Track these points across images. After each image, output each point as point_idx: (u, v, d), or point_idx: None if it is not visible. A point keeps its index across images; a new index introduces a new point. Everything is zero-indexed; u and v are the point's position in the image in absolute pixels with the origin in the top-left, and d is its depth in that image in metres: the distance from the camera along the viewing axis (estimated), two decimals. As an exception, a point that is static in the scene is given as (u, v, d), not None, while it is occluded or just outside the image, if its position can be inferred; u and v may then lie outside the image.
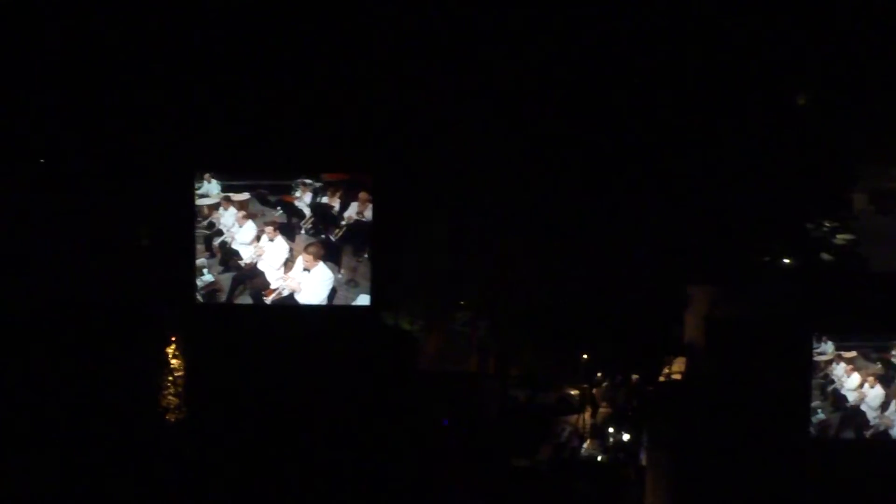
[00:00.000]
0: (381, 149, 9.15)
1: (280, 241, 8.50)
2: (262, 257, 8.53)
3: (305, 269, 8.57)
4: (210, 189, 8.48)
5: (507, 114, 9.17)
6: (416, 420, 9.01)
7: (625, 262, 9.26)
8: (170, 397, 8.88)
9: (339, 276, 8.60)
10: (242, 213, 8.45)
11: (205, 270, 8.72)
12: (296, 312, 8.87)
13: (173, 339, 9.13)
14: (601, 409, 10.16)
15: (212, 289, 8.64)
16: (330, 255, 8.65)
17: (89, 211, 9.02)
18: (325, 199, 8.57)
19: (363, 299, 8.67)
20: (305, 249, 8.47)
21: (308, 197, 8.54)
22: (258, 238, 8.47)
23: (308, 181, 8.50)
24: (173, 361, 9.09)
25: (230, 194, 8.52)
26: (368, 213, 8.72)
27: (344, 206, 8.61)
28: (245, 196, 8.46)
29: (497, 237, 9.58)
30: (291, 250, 8.47)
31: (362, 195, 8.67)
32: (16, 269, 8.68)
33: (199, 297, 8.75)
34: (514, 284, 9.72)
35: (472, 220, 9.55)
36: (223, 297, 8.66)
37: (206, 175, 8.46)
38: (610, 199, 9.35)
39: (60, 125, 8.72)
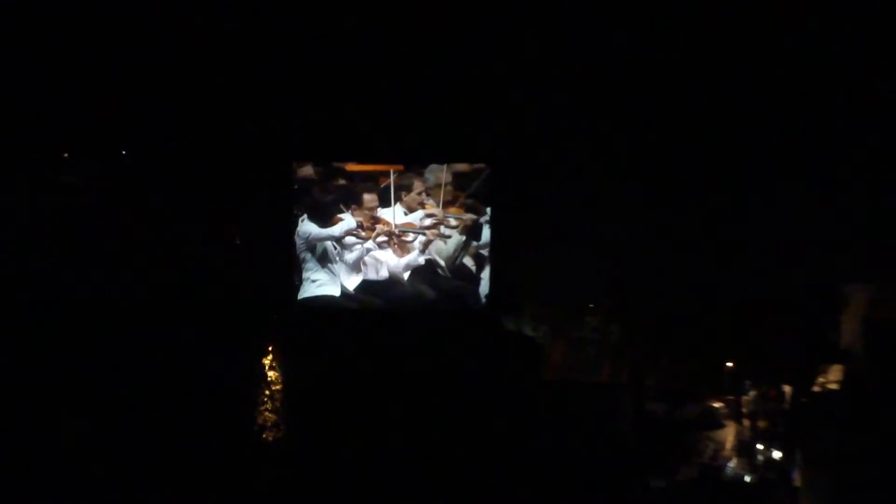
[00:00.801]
0: (503, 136, 10.28)
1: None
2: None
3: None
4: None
5: (639, 103, 10.08)
6: (542, 437, 9.72)
7: (774, 260, 9.85)
8: (266, 413, 9.72)
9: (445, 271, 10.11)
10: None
11: (307, 269, 10.14)
12: (405, 315, 10.22)
13: (270, 349, 10.17)
14: (749, 424, 10.43)
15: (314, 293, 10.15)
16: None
17: (176, 207, 10.25)
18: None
19: (474, 294, 10.05)
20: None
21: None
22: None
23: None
24: (270, 374, 10.02)
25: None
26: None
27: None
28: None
29: (630, 232, 10.26)
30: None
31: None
32: (95, 270, 9.77)
33: (299, 300, 10.21)
34: (651, 285, 10.36)
35: (601, 213, 10.32)
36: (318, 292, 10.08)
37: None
38: (757, 190, 10.00)
39: (148, 116, 10.12)
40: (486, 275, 10.40)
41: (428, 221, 10.12)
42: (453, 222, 10.20)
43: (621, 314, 10.73)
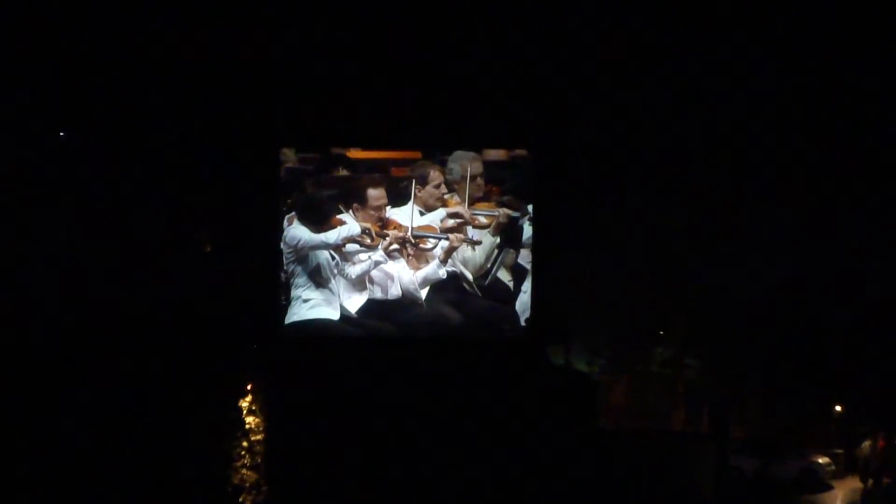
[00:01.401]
0: (549, 114, 9.95)
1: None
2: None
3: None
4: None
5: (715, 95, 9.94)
6: (599, 501, 9.45)
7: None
8: (244, 471, 9.40)
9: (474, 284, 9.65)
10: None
11: (297, 286, 9.63)
12: (423, 346, 9.72)
13: (249, 387, 9.76)
14: (865, 483, 10.07)
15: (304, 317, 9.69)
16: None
17: (124, 202, 9.86)
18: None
19: (511, 317, 9.54)
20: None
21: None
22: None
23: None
24: (249, 420, 9.64)
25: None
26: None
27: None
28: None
29: (714, 235, 10.23)
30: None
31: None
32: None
33: (285, 325, 9.72)
34: (739, 306, 10.35)
35: (676, 212, 10.28)
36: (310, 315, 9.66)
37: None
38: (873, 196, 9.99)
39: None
40: (526, 292, 9.82)
41: (451, 222, 9.59)
42: (483, 220, 9.65)
43: (701, 343, 10.74)
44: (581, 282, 10.16)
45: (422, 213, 9.71)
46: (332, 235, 9.43)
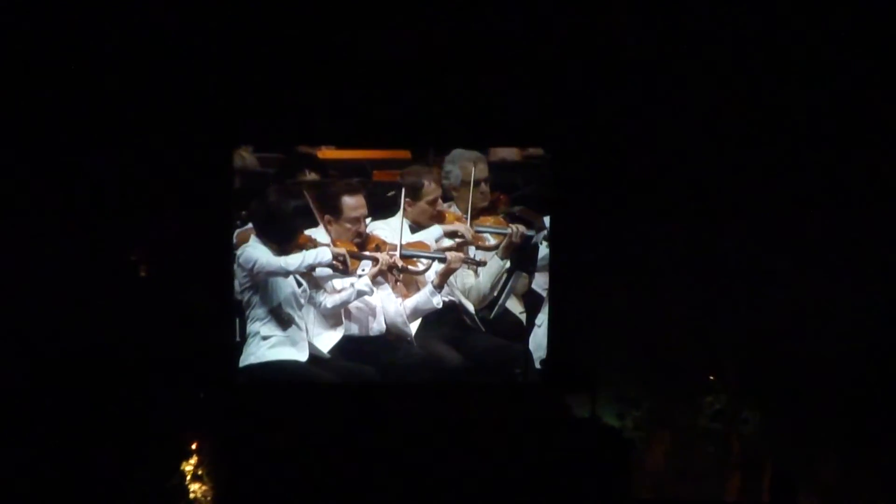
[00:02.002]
0: (571, 107, 9.86)
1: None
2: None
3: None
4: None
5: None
6: None
7: None
8: None
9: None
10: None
11: (255, 319, 9.53)
12: (413, 394, 9.73)
13: (194, 447, 9.62)
14: None
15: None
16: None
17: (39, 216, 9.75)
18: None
19: (522, 358, 9.69)
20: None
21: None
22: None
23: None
24: (194, 488, 9.55)
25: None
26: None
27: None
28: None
29: (775, 258, 9.85)
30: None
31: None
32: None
33: (240, 368, 9.67)
34: (808, 347, 9.84)
35: (727, 229, 9.88)
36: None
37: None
38: None
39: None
40: (541, 326, 9.82)
41: (448, 242, 9.54)
42: (490, 241, 9.60)
43: (761, 391, 10.10)
44: (611, 314, 9.93)
45: (412, 230, 9.63)
46: (293, 261, 9.26)
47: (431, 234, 9.61)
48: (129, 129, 9.68)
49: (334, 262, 9.35)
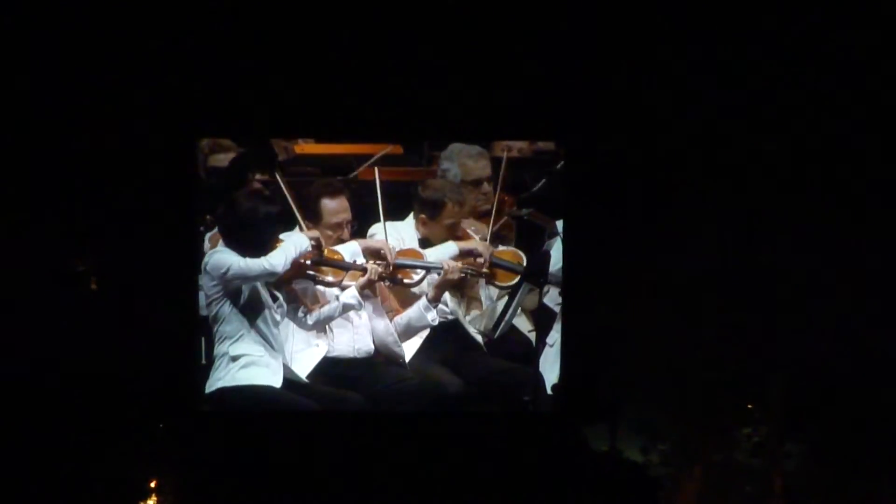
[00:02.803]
0: (588, 109, 9.94)
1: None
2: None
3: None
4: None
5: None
6: None
7: None
8: None
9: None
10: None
11: (224, 336, 9.49)
12: (405, 424, 9.83)
13: (153, 485, 9.77)
14: None
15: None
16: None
17: None
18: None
19: (532, 383, 9.69)
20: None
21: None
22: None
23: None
24: None
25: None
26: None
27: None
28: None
29: (821, 276, 9.91)
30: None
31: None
32: None
33: (207, 394, 9.62)
34: (859, 369, 9.94)
35: (769, 244, 9.99)
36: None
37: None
38: None
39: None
40: (553, 346, 9.89)
41: (456, 263, 9.54)
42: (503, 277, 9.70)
43: (806, 422, 10.21)
44: (633, 333, 9.99)
45: (422, 244, 9.64)
46: (278, 260, 9.16)
47: (445, 252, 9.54)
48: (76, 118, 9.75)
49: (316, 268, 9.27)
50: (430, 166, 9.70)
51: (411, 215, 9.58)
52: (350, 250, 9.40)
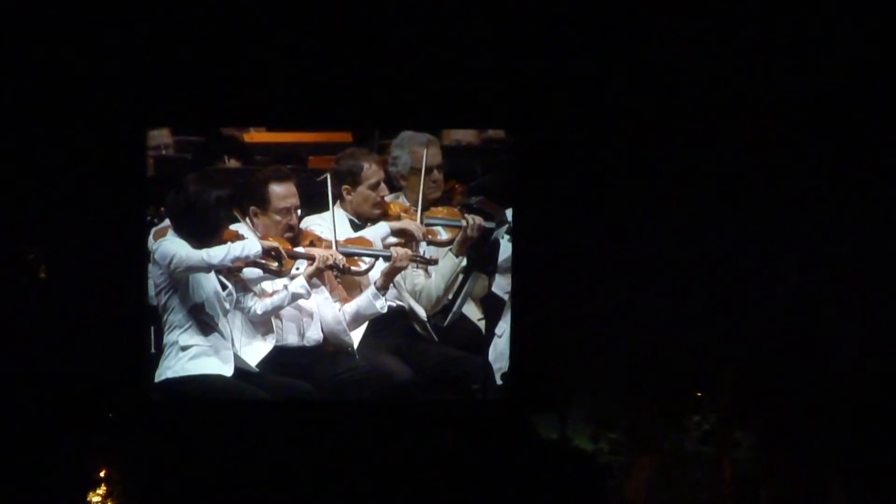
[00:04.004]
0: (538, 96, 9.95)
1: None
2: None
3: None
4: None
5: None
6: None
7: None
8: None
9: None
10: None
11: (174, 326, 9.54)
12: (354, 413, 9.88)
13: (102, 474, 9.70)
14: None
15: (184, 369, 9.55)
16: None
17: None
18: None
19: (481, 371, 9.75)
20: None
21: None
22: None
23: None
24: None
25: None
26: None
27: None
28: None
29: (770, 259, 9.98)
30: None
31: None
32: None
33: (155, 384, 9.65)
34: (811, 355, 10.04)
35: (719, 228, 9.99)
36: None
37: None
38: None
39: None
40: (503, 335, 9.97)
41: (393, 240, 9.63)
42: (443, 235, 9.74)
43: (756, 409, 10.26)
44: (583, 321, 10.03)
45: (354, 225, 9.67)
46: (217, 253, 9.22)
47: (377, 232, 9.60)
48: (25, 106, 9.72)
49: (265, 260, 9.31)
50: (381, 155, 9.67)
51: (338, 204, 9.58)
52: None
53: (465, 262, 9.72)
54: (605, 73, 9.94)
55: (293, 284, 9.43)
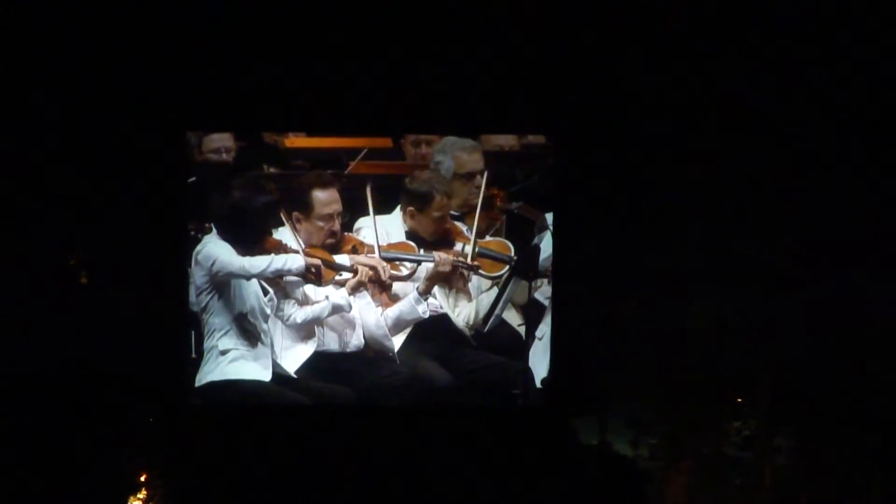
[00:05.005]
0: (580, 101, 9.92)
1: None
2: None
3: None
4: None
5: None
6: None
7: None
8: None
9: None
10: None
11: (214, 330, 9.55)
12: (395, 419, 9.87)
13: (143, 479, 9.76)
14: None
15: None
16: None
17: None
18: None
19: (522, 377, 9.71)
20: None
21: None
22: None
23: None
24: None
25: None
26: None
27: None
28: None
29: (818, 265, 9.93)
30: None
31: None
32: None
33: (196, 388, 9.64)
34: (852, 361, 9.98)
35: (763, 235, 9.94)
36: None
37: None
38: None
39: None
40: (543, 339, 9.92)
41: (447, 255, 9.62)
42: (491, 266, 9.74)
43: (797, 415, 10.24)
44: (623, 326, 10.03)
45: (408, 237, 9.63)
46: (259, 264, 9.27)
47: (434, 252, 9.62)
48: (66, 112, 9.75)
49: (307, 275, 9.33)
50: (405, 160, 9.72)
51: (398, 208, 9.58)
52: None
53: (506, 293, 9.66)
54: (645, 77, 9.91)
55: (335, 296, 9.45)
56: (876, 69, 9.83)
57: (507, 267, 9.61)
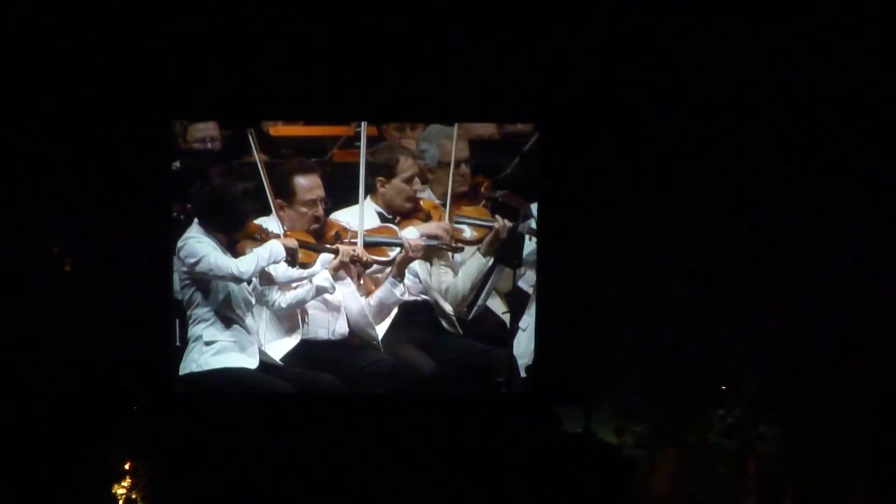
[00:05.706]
0: (564, 89, 9.87)
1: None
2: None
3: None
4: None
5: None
6: None
7: None
8: None
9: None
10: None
11: (197, 320, 9.64)
12: (379, 406, 9.89)
13: (128, 467, 9.69)
14: None
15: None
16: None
17: None
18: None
19: (506, 365, 9.78)
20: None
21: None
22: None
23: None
24: None
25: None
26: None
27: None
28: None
29: (797, 257, 9.85)
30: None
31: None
32: None
33: (180, 377, 9.76)
34: (835, 351, 9.84)
35: (744, 225, 9.90)
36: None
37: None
38: None
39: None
40: (527, 328, 10.02)
41: (418, 240, 9.71)
42: (468, 233, 9.80)
43: (780, 403, 10.18)
44: (607, 314, 9.98)
45: (383, 219, 9.72)
46: (248, 267, 9.39)
47: (410, 235, 9.67)
48: (50, 101, 9.67)
49: (291, 257, 9.43)
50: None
51: (368, 197, 9.60)
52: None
53: (491, 262, 9.76)
54: (631, 68, 9.84)
55: (318, 278, 9.52)
56: (876, 70, 9.75)
57: (490, 231, 9.69)
